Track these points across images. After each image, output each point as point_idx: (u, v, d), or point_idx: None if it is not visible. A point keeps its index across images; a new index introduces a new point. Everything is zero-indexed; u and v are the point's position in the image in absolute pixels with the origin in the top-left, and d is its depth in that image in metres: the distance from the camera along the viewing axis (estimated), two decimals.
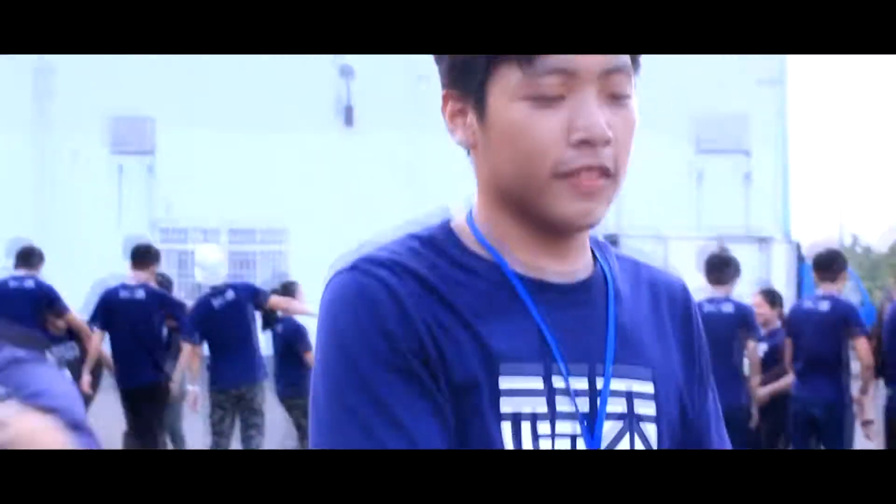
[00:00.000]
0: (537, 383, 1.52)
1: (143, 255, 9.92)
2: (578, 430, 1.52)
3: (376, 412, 1.45)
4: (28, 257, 10.12)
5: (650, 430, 1.59)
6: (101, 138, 24.84)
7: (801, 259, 20.64)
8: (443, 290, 1.52)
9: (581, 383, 1.55)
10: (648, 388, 1.60)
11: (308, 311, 9.77)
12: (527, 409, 1.51)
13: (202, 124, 23.66)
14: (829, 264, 8.65)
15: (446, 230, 1.61)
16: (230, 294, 9.50)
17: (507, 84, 1.50)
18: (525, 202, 1.54)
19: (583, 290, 1.60)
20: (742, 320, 8.46)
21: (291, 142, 23.28)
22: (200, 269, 9.76)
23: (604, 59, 1.50)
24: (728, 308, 8.45)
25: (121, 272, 9.98)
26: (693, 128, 24.08)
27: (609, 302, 1.61)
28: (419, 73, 19.44)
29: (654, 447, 1.59)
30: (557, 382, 1.53)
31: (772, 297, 9.73)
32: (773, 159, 24.83)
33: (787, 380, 8.82)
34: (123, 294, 9.62)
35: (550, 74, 1.48)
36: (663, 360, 1.64)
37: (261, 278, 21.55)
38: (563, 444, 1.53)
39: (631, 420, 1.57)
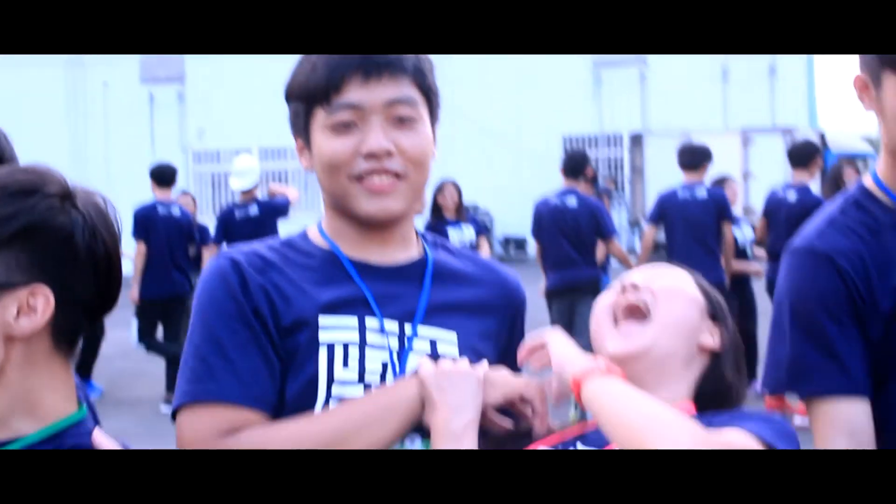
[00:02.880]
0: (352, 322, 2.02)
1: (165, 175, 10.43)
2: (388, 358, 2.02)
3: (213, 350, 1.98)
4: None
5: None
6: (130, 69, 25.20)
7: (825, 147, 20.79)
8: (282, 267, 2.06)
9: (392, 326, 2.04)
10: (452, 336, 2.08)
11: None
12: (340, 339, 2.01)
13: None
14: (801, 154, 9.06)
15: (302, 233, 2.17)
16: (254, 209, 10.22)
17: (318, 122, 2.05)
18: (341, 204, 2.08)
19: (400, 272, 2.11)
20: (716, 204, 9.10)
21: None
22: (233, 177, 10.45)
23: (389, 93, 2.02)
24: (702, 193, 9.16)
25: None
26: None
27: (425, 281, 2.11)
28: None
29: None
30: (371, 323, 2.03)
31: None
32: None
33: (757, 266, 9.52)
34: (161, 210, 10.20)
35: (343, 109, 2.02)
36: (472, 331, 2.12)
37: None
38: (374, 370, 2.01)
39: (434, 355, 2.04)
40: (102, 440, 1.64)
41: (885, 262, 2.28)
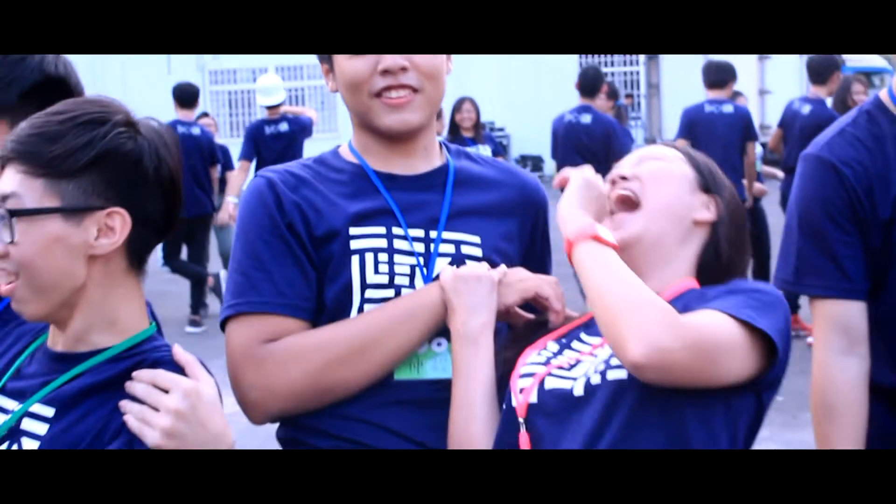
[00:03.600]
0: (380, 230, 2.18)
1: (187, 94, 10.50)
2: (415, 261, 2.18)
3: (253, 264, 2.15)
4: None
5: (475, 265, 2.17)
6: None
7: (843, 63, 20.68)
8: (315, 183, 2.22)
9: (418, 233, 2.20)
10: (475, 239, 2.22)
11: None
12: (370, 246, 2.16)
13: None
14: (819, 67, 9.04)
15: (334, 150, 2.33)
16: (284, 125, 10.35)
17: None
18: (365, 120, 2.23)
19: (424, 180, 2.26)
20: (742, 120, 9.12)
21: None
22: (260, 94, 10.62)
23: None
24: (728, 109, 9.16)
25: (173, 116, 10.51)
26: None
27: (447, 188, 2.26)
28: None
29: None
30: (397, 231, 2.19)
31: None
32: None
33: (760, 186, 9.58)
34: (181, 129, 10.23)
35: None
36: (494, 233, 2.25)
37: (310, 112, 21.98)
38: (403, 273, 2.16)
39: (460, 260, 2.19)
40: (181, 354, 1.77)
41: (887, 172, 2.42)
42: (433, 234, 2.21)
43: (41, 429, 1.75)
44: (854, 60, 21.95)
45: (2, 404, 1.81)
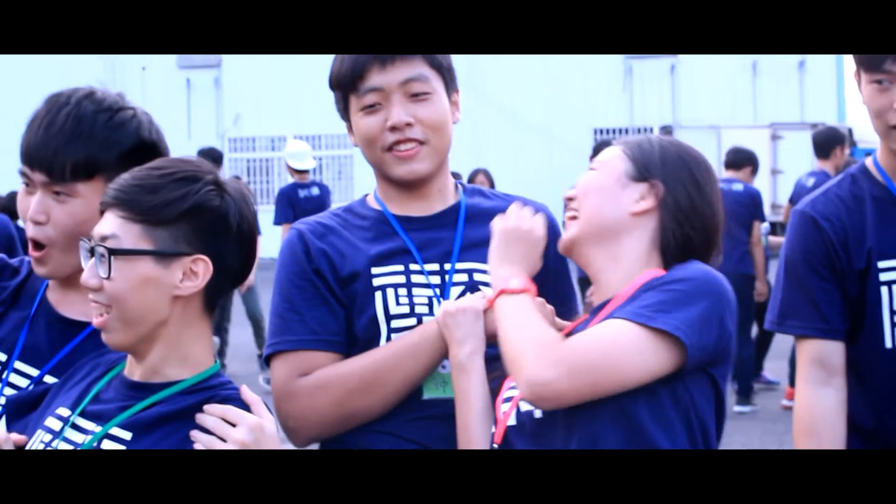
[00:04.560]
0: (399, 268, 2.45)
1: (211, 159, 10.88)
2: (432, 293, 2.43)
3: (287, 307, 2.44)
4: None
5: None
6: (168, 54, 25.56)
7: (853, 143, 20.95)
8: (341, 230, 2.50)
9: (433, 267, 2.47)
10: (487, 267, 2.41)
11: None
12: (390, 282, 2.44)
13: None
14: (823, 142, 9.28)
15: (361, 199, 2.61)
16: (315, 189, 10.95)
17: (353, 106, 2.47)
18: (380, 171, 2.51)
19: (438, 219, 2.52)
20: (751, 199, 9.42)
21: None
22: (293, 158, 11.21)
23: (403, 74, 2.40)
24: (738, 187, 9.45)
25: None
26: None
27: (458, 223, 2.51)
28: None
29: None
30: (414, 267, 2.45)
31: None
32: None
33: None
34: None
35: (368, 93, 2.42)
36: None
37: (327, 182, 22.28)
38: (422, 303, 2.41)
39: (473, 286, 2.43)
40: (248, 394, 1.99)
41: (863, 228, 2.71)
42: (447, 266, 2.48)
43: (119, 450, 1.94)
44: (866, 142, 22.21)
45: (82, 425, 2.00)
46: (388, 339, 2.40)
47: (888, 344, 2.68)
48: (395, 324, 2.40)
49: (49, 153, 2.14)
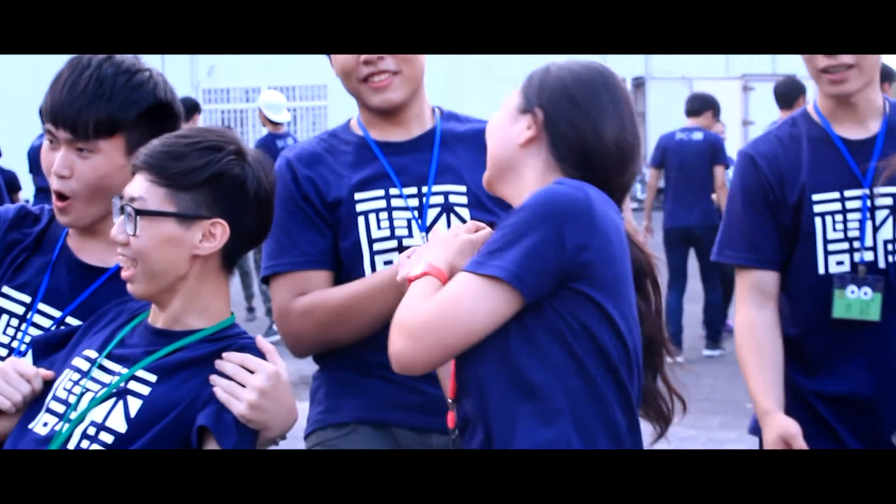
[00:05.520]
0: (379, 193, 2.70)
1: (185, 107, 10.92)
2: (411, 215, 2.66)
3: (280, 231, 2.63)
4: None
5: (464, 213, 2.64)
6: None
7: None
8: (327, 156, 2.74)
9: (412, 190, 2.71)
10: (461, 188, 2.68)
11: None
12: (371, 208, 2.68)
13: None
14: (785, 93, 9.40)
15: (345, 124, 2.83)
16: (290, 141, 11.08)
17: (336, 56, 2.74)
18: (360, 101, 2.74)
19: (415, 143, 2.76)
20: (710, 147, 9.53)
21: None
22: (269, 109, 11.22)
23: None
24: (698, 136, 9.57)
25: None
26: None
27: (434, 148, 2.74)
28: None
29: (468, 220, 2.56)
30: (394, 191, 2.70)
31: None
32: None
33: None
34: None
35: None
36: (479, 182, 2.46)
37: (301, 133, 22.38)
38: (401, 226, 2.66)
39: (449, 207, 2.66)
40: (263, 343, 2.20)
41: (797, 164, 3.01)
42: (424, 188, 2.71)
43: (144, 390, 2.15)
44: None
45: (108, 366, 2.21)
46: (372, 261, 2.65)
47: (821, 270, 2.98)
48: (376, 247, 2.66)
49: (73, 112, 2.32)
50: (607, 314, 2.08)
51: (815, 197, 2.98)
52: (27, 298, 2.44)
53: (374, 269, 2.67)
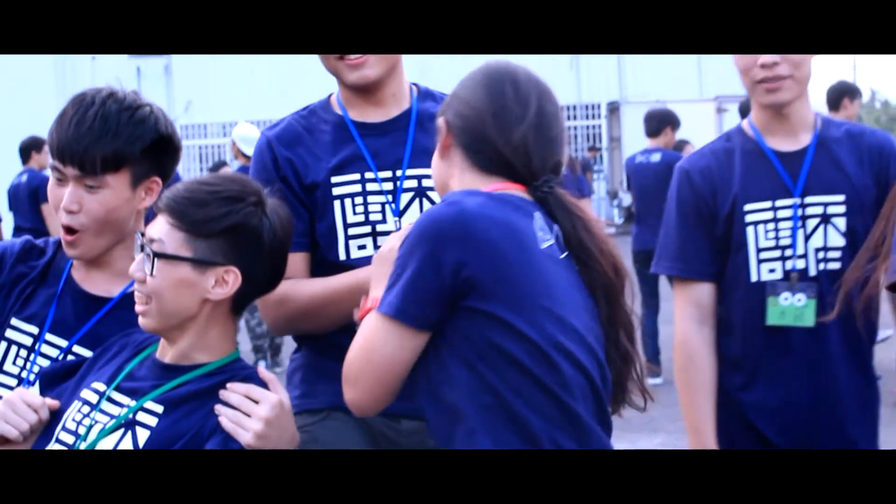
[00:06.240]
0: (355, 177, 2.72)
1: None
2: (385, 199, 2.70)
3: None
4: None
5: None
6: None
7: None
8: (306, 135, 2.75)
9: (387, 174, 2.72)
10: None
11: None
12: (347, 192, 2.70)
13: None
14: (745, 111, 9.40)
15: (324, 100, 2.83)
16: None
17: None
18: (338, 78, 2.74)
19: (392, 124, 2.76)
20: (666, 168, 9.06)
21: None
22: (243, 143, 11.03)
23: None
24: (656, 158, 9.26)
25: None
26: None
27: (409, 130, 2.75)
28: None
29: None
30: (369, 175, 2.72)
31: None
32: None
33: None
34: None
35: None
36: None
37: None
38: (376, 210, 2.69)
39: (422, 192, 2.71)
40: (265, 373, 2.27)
41: (730, 176, 3.08)
42: (399, 172, 2.72)
43: (152, 421, 2.21)
44: None
45: (117, 399, 2.27)
46: (346, 245, 2.68)
47: (753, 278, 3.04)
48: (351, 231, 2.69)
49: (80, 149, 2.39)
50: (511, 325, 2.05)
51: (747, 207, 3.04)
52: (35, 329, 2.50)
53: (348, 253, 2.70)
